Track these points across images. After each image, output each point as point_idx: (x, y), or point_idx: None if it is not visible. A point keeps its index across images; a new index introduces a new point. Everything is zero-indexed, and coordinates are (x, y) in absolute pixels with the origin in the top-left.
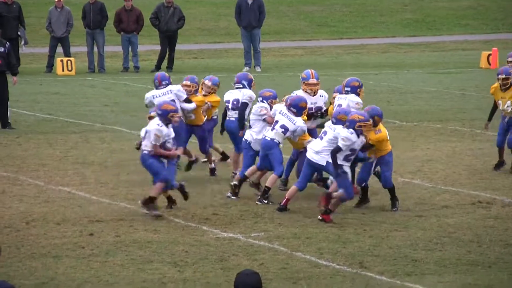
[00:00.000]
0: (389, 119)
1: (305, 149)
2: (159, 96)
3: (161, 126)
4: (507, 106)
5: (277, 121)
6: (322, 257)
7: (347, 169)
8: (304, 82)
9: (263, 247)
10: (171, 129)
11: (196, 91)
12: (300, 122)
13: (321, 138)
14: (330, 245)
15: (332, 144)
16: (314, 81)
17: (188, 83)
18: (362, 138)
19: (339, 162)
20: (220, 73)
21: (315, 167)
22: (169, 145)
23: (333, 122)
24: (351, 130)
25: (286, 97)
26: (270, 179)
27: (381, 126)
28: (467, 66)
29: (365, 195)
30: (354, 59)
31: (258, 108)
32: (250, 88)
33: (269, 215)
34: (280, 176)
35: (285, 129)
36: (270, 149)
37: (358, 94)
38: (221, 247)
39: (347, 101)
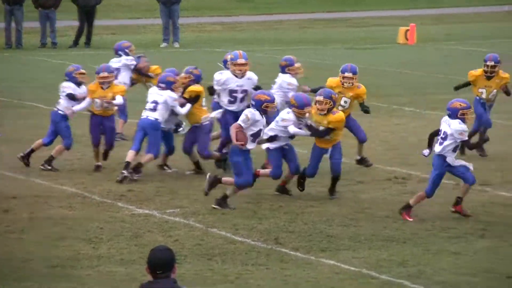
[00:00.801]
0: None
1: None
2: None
3: (255, 110)
4: (492, 95)
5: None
6: (237, 233)
7: (452, 159)
8: (232, 63)
9: (178, 223)
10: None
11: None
12: (168, 93)
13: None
14: (245, 221)
15: (278, 127)
16: (243, 61)
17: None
18: (306, 120)
19: (448, 154)
20: (138, 49)
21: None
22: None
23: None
24: (458, 120)
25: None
26: (144, 157)
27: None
28: (385, 42)
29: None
30: (273, 35)
31: None
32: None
33: (185, 191)
34: (156, 157)
35: (156, 103)
36: (156, 129)
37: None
38: (136, 224)
39: (280, 80)
